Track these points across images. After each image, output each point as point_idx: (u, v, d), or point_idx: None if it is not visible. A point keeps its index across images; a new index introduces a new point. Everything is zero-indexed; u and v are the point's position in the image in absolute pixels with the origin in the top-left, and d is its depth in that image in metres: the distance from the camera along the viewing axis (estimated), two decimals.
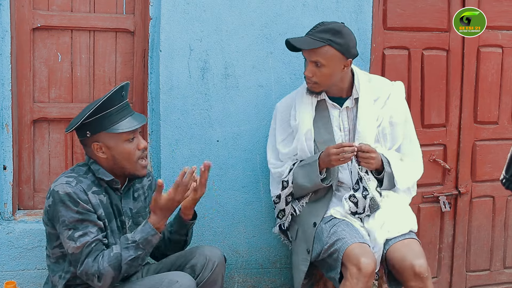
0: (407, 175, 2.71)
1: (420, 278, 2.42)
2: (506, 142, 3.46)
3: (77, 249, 2.21)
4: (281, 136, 2.75)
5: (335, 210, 2.65)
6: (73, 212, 2.22)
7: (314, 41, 2.54)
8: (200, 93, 2.90)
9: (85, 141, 2.34)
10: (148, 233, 2.25)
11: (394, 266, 2.52)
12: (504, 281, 3.61)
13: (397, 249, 2.51)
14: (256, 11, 2.93)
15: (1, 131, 2.75)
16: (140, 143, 2.35)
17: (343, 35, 2.55)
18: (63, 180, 2.27)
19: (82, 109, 2.35)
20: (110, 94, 2.28)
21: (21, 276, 2.80)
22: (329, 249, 2.52)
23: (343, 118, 2.70)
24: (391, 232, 2.56)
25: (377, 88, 2.73)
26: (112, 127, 2.29)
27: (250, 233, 3.05)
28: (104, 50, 2.95)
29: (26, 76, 2.85)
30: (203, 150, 2.94)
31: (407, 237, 2.56)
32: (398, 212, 2.64)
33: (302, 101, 2.69)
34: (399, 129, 2.72)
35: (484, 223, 3.52)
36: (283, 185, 2.70)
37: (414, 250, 2.50)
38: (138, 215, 2.46)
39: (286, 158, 2.74)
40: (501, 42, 3.42)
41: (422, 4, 3.24)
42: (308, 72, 2.59)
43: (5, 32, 2.71)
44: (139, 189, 2.49)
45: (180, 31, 2.85)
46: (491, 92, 3.44)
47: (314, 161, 2.61)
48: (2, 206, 2.79)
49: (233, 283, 3.07)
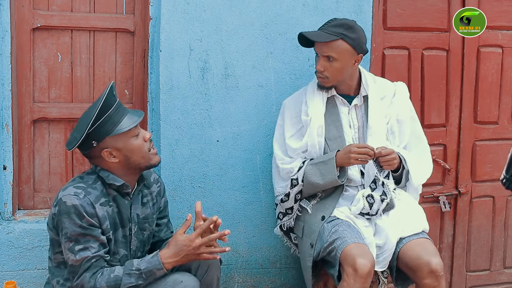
0: (421, 172, 2.76)
1: (435, 276, 2.46)
2: (506, 142, 3.46)
3: (76, 262, 2.20)
4: (290, 132, 2.75)
5: (338, 211, 2.65)
6: (76, 226, 2.19)
7: (328, 34, 2.58)
8: (200, 93, 2.90)
9: (92, 152, 2.29)
10: (155, 266, 2.23)
11: (407, 264, 2.54)
12: (504, 281, 3.61)
13: (411, 247, 2.54)
14: (256, 11, 2.93)
15: (1, 131, 2.75)
16: (145, 135, 2.34)
17: (356, 30, 2.60)
18: (72, 190, 2.24)
19: (77, 124, 2.30)
20: (105, 97, 2.24)
21: (21, 276, 2.80)
22: (328, 247, 2.53)
23: (352, 115, 2.72)
24: (406, 231, 2.59)
25: (383, 87, 2.77)
26: (115, 129, 2.26)
27: (250, 233, 3.05)
28: (104, 50, 2.95)
29: (26, 76, 2.85)
30: (203, 150, 2.94)
31: (420, 236, 2.60)
32: (412, 211, 2.68)
33: (314, 97, 2.71)
34: (406, 127, 2.76)
35: (484, 223, 3.52)
36: (292, 183, 2.70)
37: (429, 248, 2.54)
38: (145, 221, 2.44)
39: (295, 154, 2.73)
40: (501, 42, 3.42)
41: (422, 4, 3.24)
42: (320, 67, 2.61)
43: (5, 32, 2.71)
44: (147, 195, 2.47)
45: (180, 31, 2.85)
46: (491, 92, 3.44)
47: (330, 158, 2.61)
48: (2, 206, 2.79)
49: (233, 283, 3.07)
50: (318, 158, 2.68)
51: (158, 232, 2.56)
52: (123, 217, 2.35)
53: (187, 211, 2.93)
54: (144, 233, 2.45)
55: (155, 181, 2.52)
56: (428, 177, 2.83)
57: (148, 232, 2.47)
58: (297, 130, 2.74)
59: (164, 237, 2.58)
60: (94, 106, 2.26)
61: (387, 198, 2.62)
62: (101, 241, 2.24)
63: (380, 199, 2.61)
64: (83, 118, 2.29)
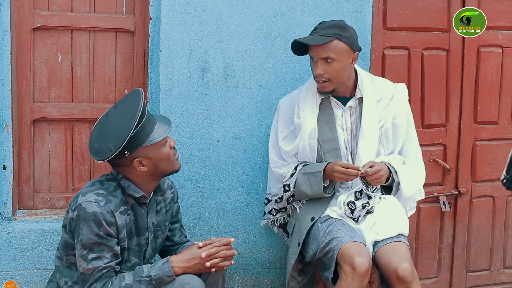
0: (412, 183, 2.72)
1: (404, 282, 2.39)
2: (506, 142, 3.46)
3: (88, 270, 2.20)
4: (283, 134, 2.76)
5: (331, 210, 2.66)
6: (92, 234, 2.18)
7: (323, 37, 2.55)
8: (200, 93, 2.90)
9: (123, 161, 2.25)
10: (165, 273, 2.24)
11: (380, 269, 2.52)
12: (504, 281, 3.61)
13: (383, 253, 2.49)
14: (256, 11, 2.93)
15: (1, 131, 2.75)
16: (171, 141, 2.33)
17: (348, 29, 2.60)
18: (92, 197, 2.21)
19: (107, 134, 2.22)
20: (142, 107, 2.19)
21: (21, 276, 2.80)
22: (324, 248, 2.53)
23: (346, 117, 2.71)
24: (380, 234, 2.55)
25: (381, 88, 2.74)
26: (148, 139, 2.23)
27: (250, 233, 3.05)
28: (104, 50, 2.95)
29: (26, 76, 2.85)
30: (203, 150, 2.94)
31: (394, 240, 2.53)
32: (390, 215, 2.63)
33: (307, 99, 2.70)
34: (401, 131, 2.74)
35: (484, 223, 3.52)
36: (285, 189, 2.73)
37: (399, 253, 2.46)
38: (158, 228, 2.45)
39: (288, 157, 2.74)
40: (501, 42, 3.42)
41: (422, 4, 3.24)
42: (320, 70, 2.58)
43: (5, 32, 2.71)
44: (161, 202, 2.47)
45: (180, 31, 2.85)
46: (491, 92, 3.44)
47: (318, 171, 2.61)
48: (2, 206, 2.79)
49: (233, 283, 3.07)
50: (309, 167, 2.68)
51: (172, 236, 2.57)
52: (139, 226, 2.35)
53: (187, 211, 2.93)
54: (157, 240, 2.46)
55: (169, 187, 2.52)
56: (421, 187, 2.80)
57: (161, 239, 2.49)
58: (289, 132, 2.75)
59: (178, 241, 2.59)
60: (128, 116, 2.20)
61: (368, 206, 2.61)
62: (114, 252, 2.23)
63: (361, 205, 2.61)
64: (116, 129, 2.21)
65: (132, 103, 2.24)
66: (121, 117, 2.23)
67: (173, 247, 2.58)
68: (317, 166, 2.65)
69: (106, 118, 2.29)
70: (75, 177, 2.98)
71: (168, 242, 2.57)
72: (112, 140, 2.19)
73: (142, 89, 2.29)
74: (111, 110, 2.31)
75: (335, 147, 2.68)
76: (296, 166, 2.71)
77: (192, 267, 2.29)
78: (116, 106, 2.31)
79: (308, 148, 2.68)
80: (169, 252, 2.57)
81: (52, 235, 2.80)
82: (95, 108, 2.93)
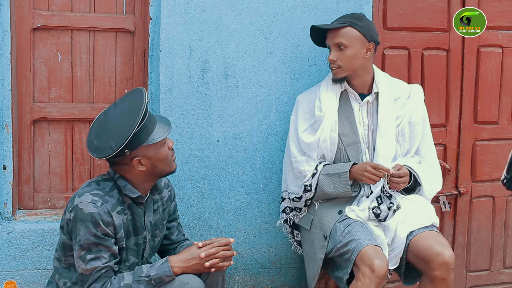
0: (432, 185, 2.78)
1: (446, 268, 2.47)
2: (506, 142, 3.46)
3: (86, 271, 2.20)
4: (303, 126, 2.77)
5: (349, 209, 2.65)
6: (90, 234, 2.18)
7: (337, 23, 2.67)
8: (200, 93, 2.90)
9: (122, 160, 2.25)
10: (165, 272, 2.24)
11: (418, 254, 2.55)
12: (504, 281, 3.61)
13: (423, 238, 2.55)
14: (256, 11, 2.93)
15: (1, 131, 2.75)
16: (169, 142, 2.34)
17: (364, 19, 2.69)
18: (89, 198, 2.22)
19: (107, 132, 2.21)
20: (146, 106, 2.20)
21: (21, 276, 2.79)
22: (342, 249, 2.53)
23: (363, 112, 2.74)
24: (415, 224, 2.60)
25: (397, 88, 2.79)
26: (149, 138, 2.24)
27: (250, 233, 3.05)
28: (104, 50, 2.95)
29: (26, 76, 2.85)
30: (203, 150, 2.94)
31: (430, 229, 2.61)
32: (419, 206, 2.69)
33: (327, 92, 2.73)
34: (418, 130, 2.78)
35: (484, 223, 3.52)
36: (306, 189, 2.72)
37: (441, 241, 2.55)
38: (156, 227, 2.45)
39: (309, 150, 2.73)
40: (501, 42, 3.42)
41: (422, 4, 3.24)
42: (332, 56, 2.66)
43: (5, 32, 2.71)
44: (158, 201, 2.47)
45: (180, 31, 2.85)
46: (491, 92, 3.44)
47: (344, 172, 2.62)
48: (2, 206, 2.79)
49: (233, 283, 3.07)
50: (332, 168, 2.68)
51: (169, 235, 2.57)
52: (137, 225, 2.35)
53: (187, 211, 2.93)
54: (155, 239, 2.46)
55: (166, 185, 2.52)
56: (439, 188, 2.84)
57: (159, 238, 2.48)
58: (309, 125, 2.76)
59: (176, 239, 2.59)
60: (131, 114, 2.20)
61: (394, 206, 2.64)
62: (112, 252, 2.23)
63: (386, 208, 2.63)
64: (118, 126, 2.21)
65: (133, 102, 2.24)
66: (123, 115, 2.23)
67: (171, 245, 2.58)
68: (341, 167, 2.66)
69: (106, 116, 2.29)
70: (75, 177, 2.98)
71: (166, 241, 2.57)
72: (113, 138, 2.19)
73: (144, 88, 2.29)
74: (110, 109, 2.31)
75: (355, 140, 2.70)
76: (316, 166, 2.71)
77: (192, 267, 2.29)
78: (116, 104, 2.31)
79: (329, 141, 2.69)
80: (168, 251, 2.57)
81: (52, 235, 2.80)
82: (95, 108, 2.93)
